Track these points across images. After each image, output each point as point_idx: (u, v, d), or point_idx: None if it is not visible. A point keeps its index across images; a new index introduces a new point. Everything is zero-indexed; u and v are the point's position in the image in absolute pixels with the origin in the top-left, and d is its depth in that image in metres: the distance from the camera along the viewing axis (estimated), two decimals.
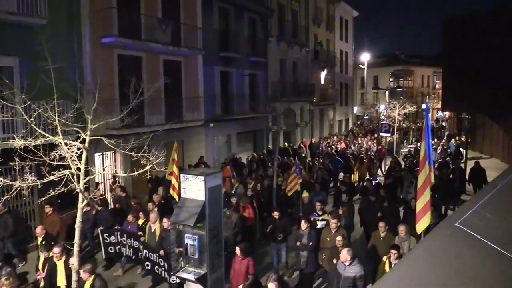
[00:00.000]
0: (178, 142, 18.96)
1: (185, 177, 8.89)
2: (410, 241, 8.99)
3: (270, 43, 26.60)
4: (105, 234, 11.03)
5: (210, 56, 20.63)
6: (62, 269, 8.38)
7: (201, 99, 19.89)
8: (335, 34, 38.80)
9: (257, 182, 15.23)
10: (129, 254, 10.73)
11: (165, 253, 9.89)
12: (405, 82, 63.61)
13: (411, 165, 19.76)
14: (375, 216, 11.56)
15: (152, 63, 17.33)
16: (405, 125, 42.00)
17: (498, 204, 2.09)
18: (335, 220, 9.71)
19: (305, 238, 9.68)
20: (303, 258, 9.71)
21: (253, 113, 24.21)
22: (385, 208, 11.98)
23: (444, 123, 50.93)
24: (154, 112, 16.97)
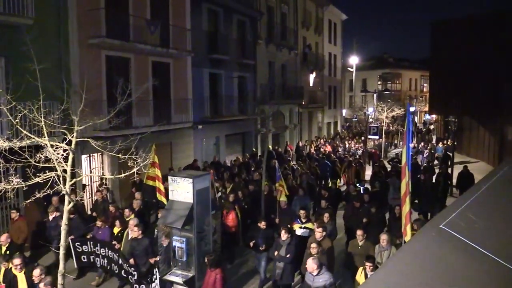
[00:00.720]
0: (166, 144, 18.96)
1: (173, 180, 8.86)
2: (391, 251, 8.56)
3: (259, 46, 26.65)
4: (76, 243, 10.24)
5: (199, 58, 20.60)
6: (24, 281, 7.68)
7: (190, 101, 19.83)
8: (324, 37, 39.01)
9: (239, 187, 14.53)
10: (103, 264, 10.08)
11: (135, 262, 9.38)
12: (393, 85, 64.22)
13: (398, 170, 19.38)
14: (360, 223, 11.12)
15: (140, 65, 17.25)
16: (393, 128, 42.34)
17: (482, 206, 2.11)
18: (320, 229, 9.07)
19: (283, 249, 9.04)
20: (279, 269, 9.05)
21: (242, 115, 24.21)
22: (372, 215, 11.52)
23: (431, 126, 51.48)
24: (142, 113, 16.87)
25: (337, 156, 24.14)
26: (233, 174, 17.43)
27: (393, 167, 19.53)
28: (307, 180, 16.65)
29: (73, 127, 6.90)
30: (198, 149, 21.19)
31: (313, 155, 24.59)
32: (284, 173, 16.71)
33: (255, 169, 18.86)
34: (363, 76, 61.72)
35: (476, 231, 1.88)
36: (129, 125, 15.77)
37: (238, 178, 16.46)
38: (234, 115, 23.50)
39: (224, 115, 22.73)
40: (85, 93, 7.45)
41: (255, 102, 25.74)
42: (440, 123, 43.41)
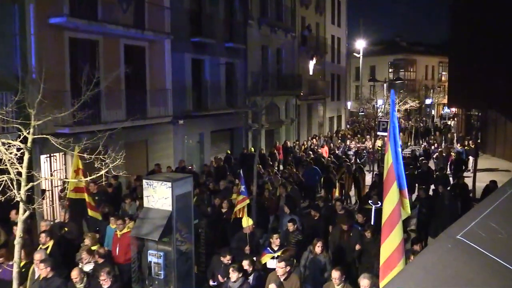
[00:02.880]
0: (141, 143, 18.90)
1: (148, 183, 8.83)
2: None
3: (250, 27, 26.63)
4: None
5: (180, 41, 20.53)
6: None
7: (169, 92, 19.77)
8: (326, 17, 39.11)
9: (201, 201, 13.44)
10: None
11: None
12: (406, 73, 64.58)
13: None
14: (352, 252, 10.05)
15: (110, 49, 17.15)
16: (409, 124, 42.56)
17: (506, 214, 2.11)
18: (282, 264, 7.83)
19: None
20: None
21: (230, 108, 24.18)
22: (367, 242, 9.97)
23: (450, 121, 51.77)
24: (112, 106, 16.79)
25: (335, 157, 22.85)
26: (198, 183, 15.42)
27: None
28: (286, 192, 14.39)
29: (30, 122, 6.83)
30: (178, 148, 21.14)
31: (302, 158, 23.13)
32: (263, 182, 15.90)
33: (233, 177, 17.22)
34: (371, 62, 62.00)
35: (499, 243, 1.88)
36: (97, 120, 15.68)
37: (199, 189, 14.57)
38: (221, 108, 23.48)
39: (209, 109, 22.69)
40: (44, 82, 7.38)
41: (246, 93, 25.74)
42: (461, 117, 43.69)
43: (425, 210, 13.25)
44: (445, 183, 16.06)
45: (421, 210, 13.29)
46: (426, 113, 55.49)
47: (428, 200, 13.83)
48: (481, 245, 1.82)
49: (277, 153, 25.41)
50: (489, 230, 1.93)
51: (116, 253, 10.09)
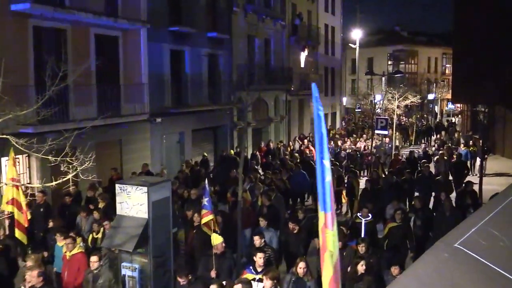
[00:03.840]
0: (114, 143, 18.81)
1: (121, 188, 8.80)
2: None
3: (235, 15, 26.62)
4: None
5: (157, 31, 20.44)
6: None
7: (145, 86, 19.67)
8: (319, 4, 39.22)
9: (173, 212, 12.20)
10: None
11: None
12: (407, 66, 65.02)
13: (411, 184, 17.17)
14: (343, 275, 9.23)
15: (79, 39, 17.03)
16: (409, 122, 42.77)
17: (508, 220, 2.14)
18: (269, 283, 7.60)
19: None
20: None
21: (214, 104, 24.13)
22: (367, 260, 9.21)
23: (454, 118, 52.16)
24: (82, 103, 16.69)
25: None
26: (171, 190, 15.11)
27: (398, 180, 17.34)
28: (270, 202, 13.63)
29: None
30: (156, 148, 21.05)
31: (289, 160, 22.13)
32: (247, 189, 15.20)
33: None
34: (369, 54, 62.31)
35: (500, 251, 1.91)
36: (65, 117, 15.57)
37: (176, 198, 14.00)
38: (203, 105, 23.42)
39: (190, 105, 22.63)
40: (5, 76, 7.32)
41: (231, 88, 25.71)
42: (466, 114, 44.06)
43: (421, 223, 12.30)
44: (448, 191, 15.29)
45: (416, 223, 12.42)
46: (429, 109, 55.90)
47: (424, 211, 12.94)
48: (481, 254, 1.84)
49: (259, 155, 24.49)
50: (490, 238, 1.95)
51: (65, 277, 9.49)
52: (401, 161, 22.40)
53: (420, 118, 47.26)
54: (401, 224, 11.57)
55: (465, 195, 14.67)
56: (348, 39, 47.81)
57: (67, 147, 7.33)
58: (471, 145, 26.57)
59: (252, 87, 24.84)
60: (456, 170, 20.81)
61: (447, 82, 61.54)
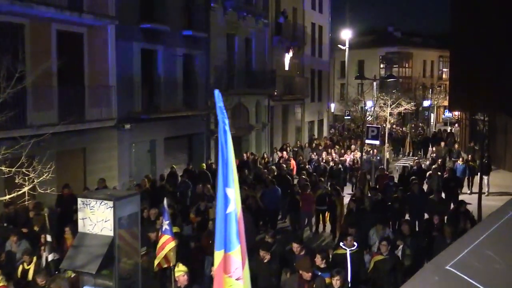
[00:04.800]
0: (77, 152, 18.66)
1: (84, 203, 8.73)
2: None
3: (213, 12, 26.66)
4: None
5: (127, 28, 20.42)
6: None
7: (113, 89, 19.63)
8: (305, 1, 39.43)
9: None
10: None
11: None
12: (400, 69, 65.58)
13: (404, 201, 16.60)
14: None
15: (39, 35, 16.92)
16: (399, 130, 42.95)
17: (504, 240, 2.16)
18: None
19: None
20: None
21: (189, 110, 24.09)
22: None
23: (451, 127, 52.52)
24: (41, 107, 16.56)
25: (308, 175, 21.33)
26: None
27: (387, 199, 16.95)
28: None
29: None
30: (124, 158, 20.93)
31: (265, 175, 21.28)
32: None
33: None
34: (359, 56, 62.72)
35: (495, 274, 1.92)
36: (21, 123, 15.41)
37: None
38: (177, 111, 23.37)
39: (162, 110, 22.56)
40: None
41: (208, 92, 25.69)
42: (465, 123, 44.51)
43: (411, 252, 11.66)
44: (442, 212, 14.91)
45: (405, 253, 11.61)
46: (424, 117, 56.36)
47: (414, 238, 12.36)
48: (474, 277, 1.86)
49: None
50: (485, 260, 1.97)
51: None
52: (388, 176, 21.67)
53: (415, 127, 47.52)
54: (387, 257, 10.71)
55: (458, 217, 14.13)
56: (337, 40, 48.11)
57: (23, 156, 7.26)
58: (470, 160, 26.26)
59: (231, 91, 24.90)
60: (447, 187, 20.08)
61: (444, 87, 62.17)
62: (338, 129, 48.15)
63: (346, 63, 46.48)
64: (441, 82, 67.89)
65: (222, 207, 4.73)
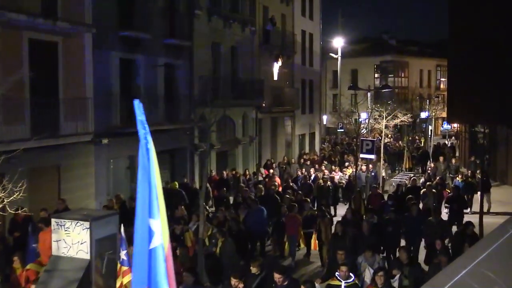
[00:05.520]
0: (51, 169, 18.54)
1: (58, 224, 8.68)
2: None
3: (197, 19, 26.74)
4: None
5: (105, 36, 20.44)
6: None
7: (90, 102, 19.56)
8: (295, 8, 39.66)
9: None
10: None
11: None
12: (396, 79, 66.00)
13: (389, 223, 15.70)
14: None
15: (10, 44, 16.88)
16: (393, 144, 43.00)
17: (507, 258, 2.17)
18: None
19: None
20: None
21: (171, 123, 24.06)
22: None
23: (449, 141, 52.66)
24: (12, 120, 16.48)
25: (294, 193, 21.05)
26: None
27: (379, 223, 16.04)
28: (215, 249, 13.53)
29: None
30: (102, 175, 20.86)
31: (247, 194, 20.90)
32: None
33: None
34: (353, 65, 63.16)
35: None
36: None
37: None
38: (158, 124, 23.29)
39: None
40: None
41: (191, 104, 25.70)
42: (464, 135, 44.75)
43: (409, 283, 11.23)
44: (444, 235, 14.45)
45: (402, 285, 11.23)
46: (422, 129, 56.59)
47: (413, 267, 11.80)
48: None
49: (209, 186, 22.81)
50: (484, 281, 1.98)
51: None
52: (381, 195, 21.33)
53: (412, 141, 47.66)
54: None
55: (464, 240, 13.49)
56: (329, 48, 48.35)
57: None
58: (470, 176, 25.83)
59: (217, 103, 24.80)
60: (451, 207, 19.75)
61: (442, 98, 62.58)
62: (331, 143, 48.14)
63: (339, 73, 46.65)
64: (439, 92, 68.50)
65: (144, 241, 4.26)
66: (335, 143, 47.63)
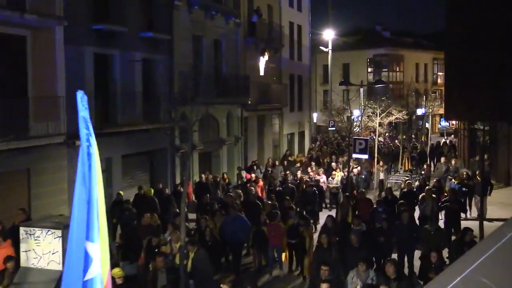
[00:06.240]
0: (20, 173, 18.44)
1: (27, 233, 8.63)
2: None
3: (177, 11, 26.70)
4: None
5: (78, 30, 20.38)
6: None
7: (62, 101, 19.45)
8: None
9: None
10: None
11: None
12: (390, 73, 66.26)
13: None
14: None
15: None
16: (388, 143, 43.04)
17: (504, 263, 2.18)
18: None
19: None
20: None
21: (150, 123, 24.01)
22: None
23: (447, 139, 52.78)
24: None
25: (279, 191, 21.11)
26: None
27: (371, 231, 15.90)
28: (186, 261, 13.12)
29: None
30: None
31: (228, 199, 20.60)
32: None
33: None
34: (344, 59, 63.38)
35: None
36: None
37: None
38: (136, 123, 23.29)
39: (119, 123, 22.52)
40: None
41: (171, 102, 25.64)
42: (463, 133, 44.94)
43: None
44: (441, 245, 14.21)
45: None
46: (418, 127, 56.77)
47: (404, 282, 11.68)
48: None
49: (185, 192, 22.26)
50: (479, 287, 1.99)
51: None
52: (369, 200, 20.90)
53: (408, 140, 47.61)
54: None
55: (462, 248, 13.22)
56: (319, 41, 48.53)
57: None
58: (465, 178, 25.22)
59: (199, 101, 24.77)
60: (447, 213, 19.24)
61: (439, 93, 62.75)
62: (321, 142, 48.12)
63: (330, 67, 46.87)
64: (436, 87, 68.64)
65: (78, 269, 3.82)
66: (325, 142, 47.50)
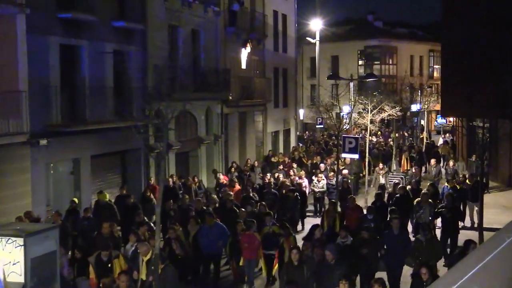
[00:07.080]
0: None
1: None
2: None
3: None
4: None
5: (42, 18, 20.31)
6: None
7: (24, 96, 19.42)
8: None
9: None
10: None
11: None
12: (383, 66, 66.66)
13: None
14: None
15: None
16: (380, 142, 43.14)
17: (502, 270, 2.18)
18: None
19: None
20: None
21: (121, 121, 23.89)
22: None
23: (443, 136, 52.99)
24: None
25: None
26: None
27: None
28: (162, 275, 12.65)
29: None
30: (40, 182, 20.72)
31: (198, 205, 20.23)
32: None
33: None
34: (333, 51, 63.59)
35: None
36: None
37: None
38: (106, 121, 23.26)
39: (88, 121, 22.48)
40: None
41: (145, 98, 25.59)
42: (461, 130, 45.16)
43: None
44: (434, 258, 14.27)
45: None
46: (413, 124, 57.01)
47: None
48: None
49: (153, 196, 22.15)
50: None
51: None
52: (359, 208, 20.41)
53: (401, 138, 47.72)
54: None
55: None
56: (305, 31, 48.56)
57: None
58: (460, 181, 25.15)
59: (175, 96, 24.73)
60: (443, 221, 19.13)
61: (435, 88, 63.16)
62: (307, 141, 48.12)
63: (317, 60, 46.94)
64: (432, 81, 69.04)
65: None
66: (312, 141, 47.40)
